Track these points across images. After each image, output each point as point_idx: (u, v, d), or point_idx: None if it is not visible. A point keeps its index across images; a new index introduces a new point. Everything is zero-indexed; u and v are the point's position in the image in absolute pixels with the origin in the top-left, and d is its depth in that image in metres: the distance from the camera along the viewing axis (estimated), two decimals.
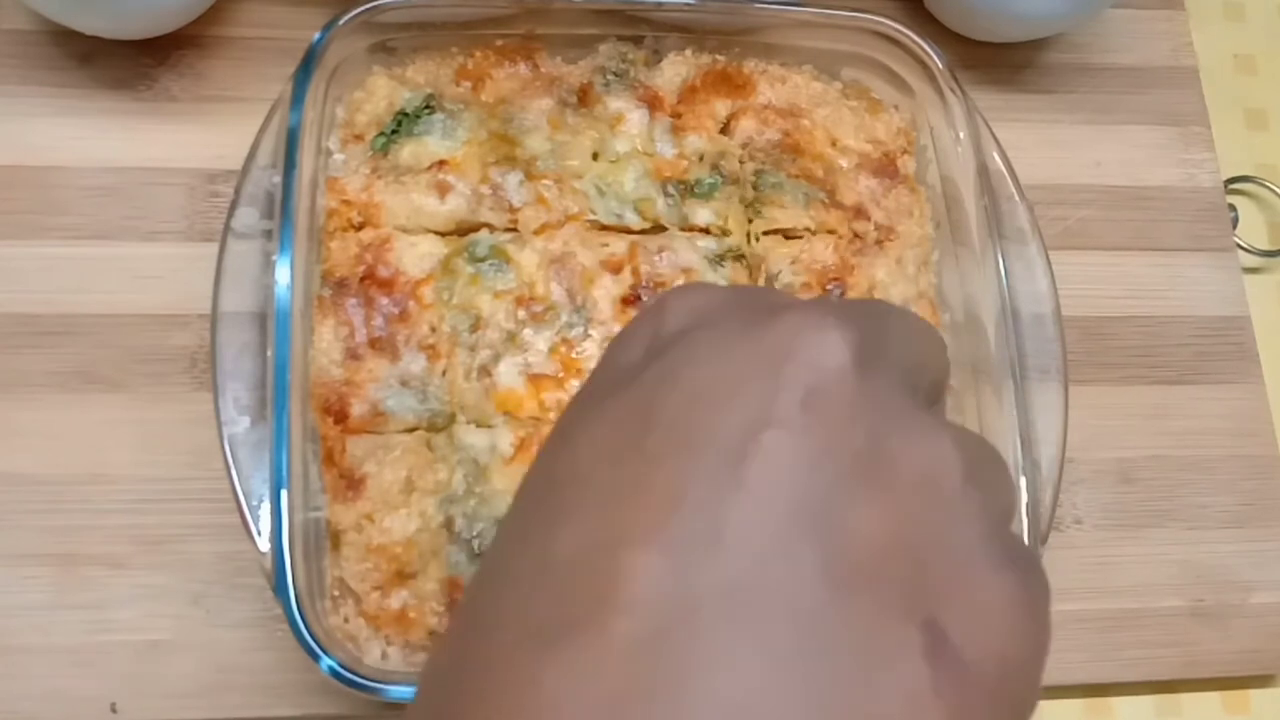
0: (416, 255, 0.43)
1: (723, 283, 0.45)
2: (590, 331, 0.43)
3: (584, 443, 0.22)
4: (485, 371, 0.42)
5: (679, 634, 0.19)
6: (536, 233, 0.44)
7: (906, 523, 0.21)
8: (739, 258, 0.46)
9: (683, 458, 0.20)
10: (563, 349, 0.43)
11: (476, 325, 0.43)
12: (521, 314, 0.43)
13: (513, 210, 0.44)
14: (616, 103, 0.47)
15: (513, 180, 0.45)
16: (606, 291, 0.44)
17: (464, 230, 0.44)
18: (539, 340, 0.43)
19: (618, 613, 0.19)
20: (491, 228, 0.44)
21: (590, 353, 0.43)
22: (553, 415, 0.42)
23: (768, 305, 0.23)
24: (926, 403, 0.25)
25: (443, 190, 0.44)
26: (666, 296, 0.25)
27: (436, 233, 0.44)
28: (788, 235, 0.47)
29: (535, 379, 0.42)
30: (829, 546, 0.20)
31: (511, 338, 0.43)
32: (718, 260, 0.45)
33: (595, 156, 0.46)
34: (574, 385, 0.42)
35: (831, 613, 0.19)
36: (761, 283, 0.46)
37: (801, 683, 0.19)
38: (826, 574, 0.20)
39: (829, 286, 0.46)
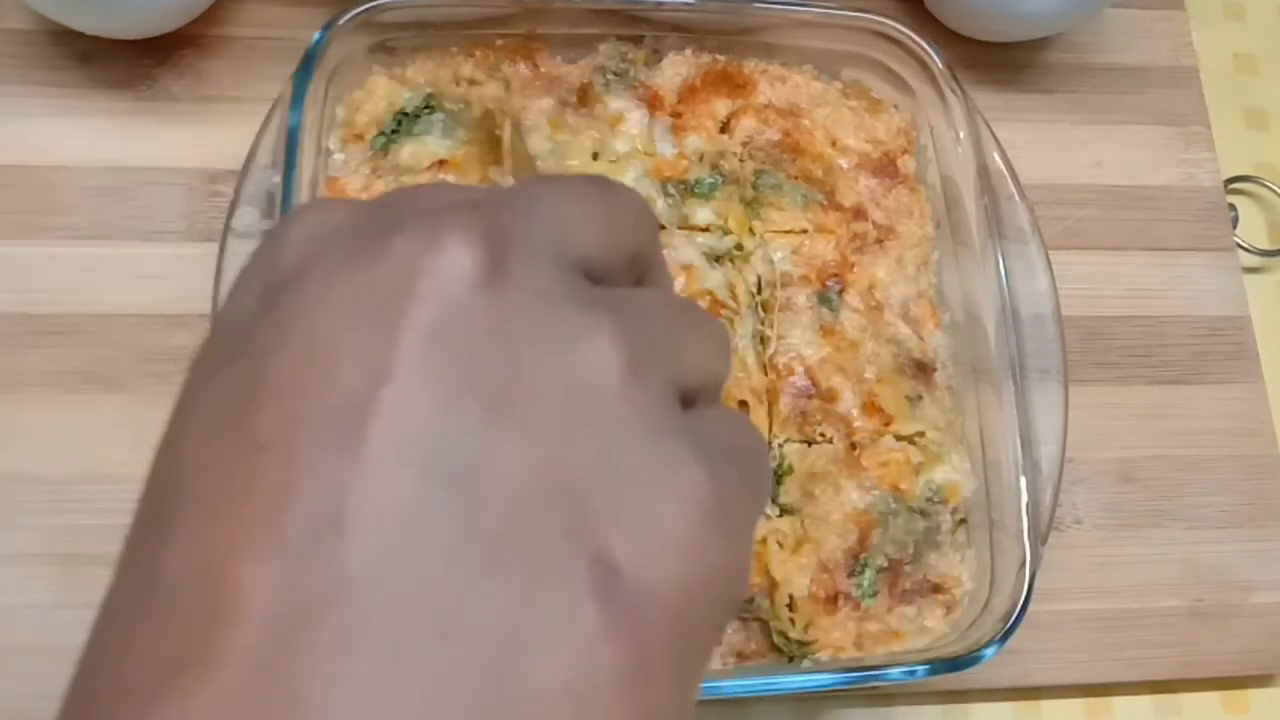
0: None
1: (720, 279, 0.45)
2: None
3: (190, 434, 0.20)
4: None
5: (296, 654, 0.16)
6: None
7: (557, 452, 0.18)
8: (738, 247, 0.46)
9: (294, 437, 0.18)
10: None
11: None
12: None
13: None
14: (616, 102, 0.48)
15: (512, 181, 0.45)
16: None
17: None
18: None
19: (228, 640, 0.16)
20: None
21: None
22: None
23: (387, 224, 0.20)
24: (626, 274, 0.22)
25: None
26: (282, 224, 0.21)
27: None
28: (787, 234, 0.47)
29: None
30: (470, 504, 0.17)
31: None
32: (717, 258, 0.45)
33: (595, 156, 0.46)
34: None
35: (480, 581, 0.17)
36: (761, 272, 0.46)
37: (441, 682, 0.16)
38: (470, 538, 0.17)
39: (828, 283, 0.46)
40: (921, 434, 0.44)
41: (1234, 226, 0.56)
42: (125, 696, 0.17)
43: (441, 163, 0.45)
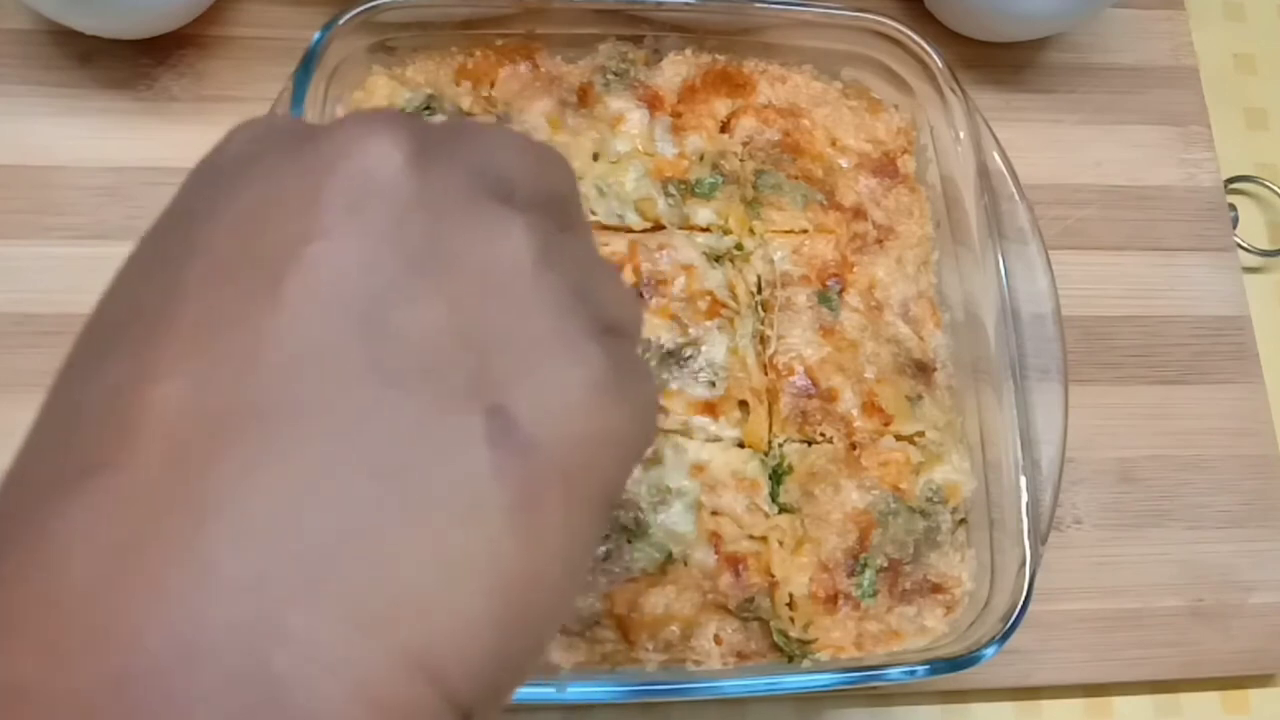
0: None
1: (720, 279, 0.45)
2: None
3: (126, 280, 0.21)
4: None
5: (199, 459, 0.18)
6: None
7: (467, 314, 0.20)
8: (738, 247, 0.46)
9: (219, 283, 0.19)
10: None
11: None
12: None
13: None
14: (616, 102, 0.47)
15: None
16: None
17: None
18: None
19: (135, 447, 0.18)
20: None
21: None
22: None
23: (326, 125, 0.22)
24: (547, 212, 0.24)
25: None
26: (231, 130, 0.23)
27: None
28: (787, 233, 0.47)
29: None
30: (378, 346, 0.19)
31: None
32: (717, 258, 0.45)
33: (595, 157, 0.46)
34: None
35: (381, 412, 0.19)
36: (761, 272, 0.46)
37: (339, 492, 0.18)
38: (375, 373, 0.19)
39: (828, 282, 0.46)
40: (921, 434, 0.44)
41: (1234, 226, 0.56)
42: (40, 496, 0.18)
43: None
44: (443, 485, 0.19)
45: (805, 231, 0.47)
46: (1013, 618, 0.40)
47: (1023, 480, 0.42)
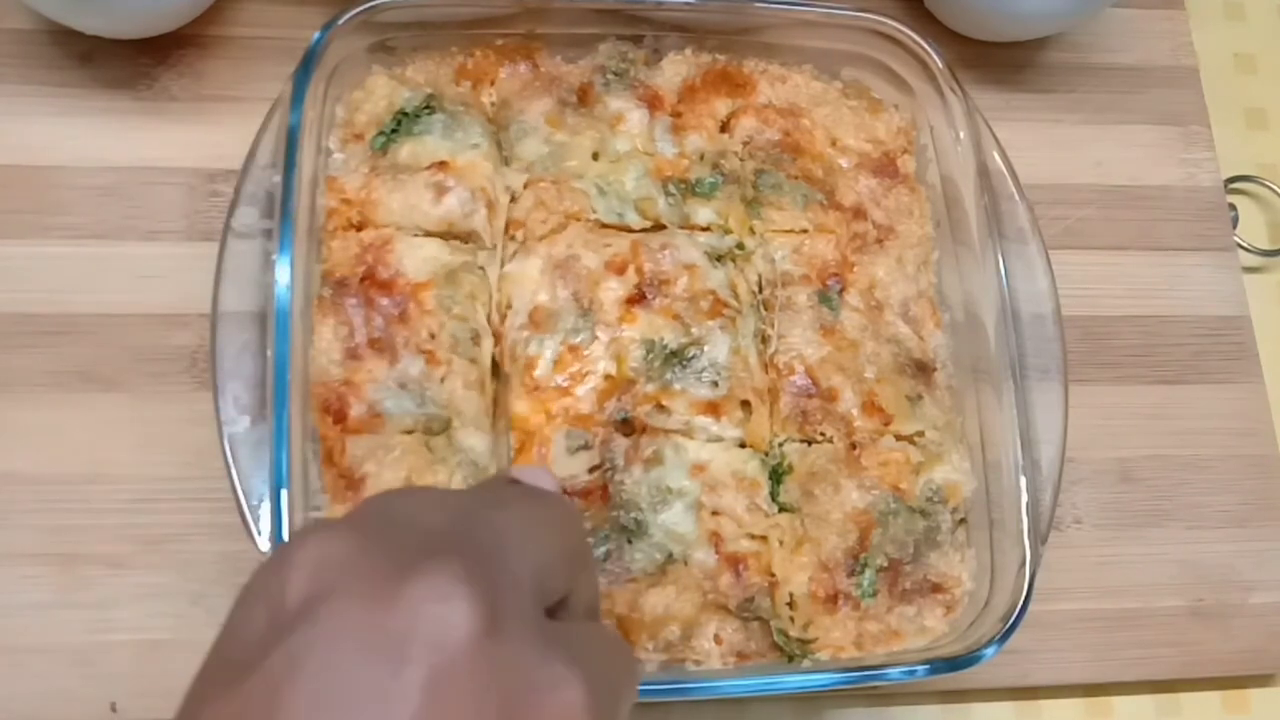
0: (419, 259, 0.43)
1: (722, 278, 0.45)
2: (597, 334, 0.43)
3: None
4: (482, 385, 0.42)
5: None
6: (540, 239, 0.44)
7: None
8: (739, 246, 0.46)
9: None
10: (568, 356, 0.43)
11: (478, 338, 0.43)
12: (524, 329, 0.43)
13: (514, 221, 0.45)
14: (616, 102, 0.47)
15: (516, 181, 0.45)
16: (612, 293, 0.44)
17: (454, 235, 0.44)
18: (544, 350, 0.43)
19: None
20: (481, 243, 0.44)
21: (597, 355, 0.43)
22: (559, 421, 0.42)
23: (396, 567, 0.23)
24: (564, 584, 0.26)
25: (440, 192, 0.44)
26: (289, 549, 0.24)
27: (428, 233, 0.44)
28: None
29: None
30: None
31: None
32: (718, 258, 0.45)
33: (595, 156, 0.46)
34: (579, 391, 0.42)
35: None
36: (762, 271, 0.46)
37: None
38: None
39: (829, 282, 0.46)
40: (921, 434, 0.44)
41: (1234, 226, 0.56)
42: None
43: (443, 164, 0.44)
44: None
45: (805, 231, 0.47)
46: (1013, 618, 0.40)
47: (1023, 480, 0.42)
